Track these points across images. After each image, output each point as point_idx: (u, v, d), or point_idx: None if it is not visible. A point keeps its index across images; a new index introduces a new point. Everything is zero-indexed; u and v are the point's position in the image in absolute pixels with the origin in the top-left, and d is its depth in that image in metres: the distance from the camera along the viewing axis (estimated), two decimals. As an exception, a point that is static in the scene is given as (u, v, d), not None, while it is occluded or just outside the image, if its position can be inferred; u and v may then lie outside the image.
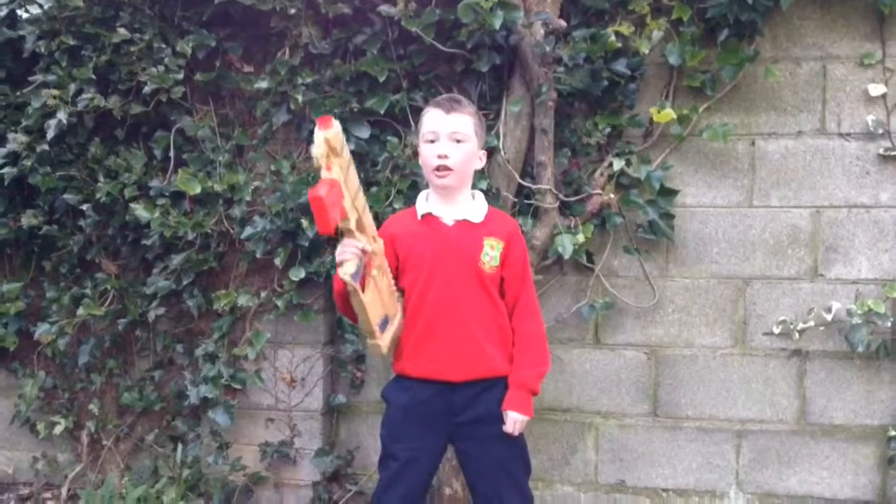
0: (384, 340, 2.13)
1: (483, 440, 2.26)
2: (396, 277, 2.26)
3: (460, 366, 2.22)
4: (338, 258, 1.98)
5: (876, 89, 2.88)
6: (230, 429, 3.18)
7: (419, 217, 2.27)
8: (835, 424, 2.98)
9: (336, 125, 1.87)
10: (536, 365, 2.29)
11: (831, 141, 2.94)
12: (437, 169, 2.20)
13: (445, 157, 2.19)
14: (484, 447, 2.26)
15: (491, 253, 2.24)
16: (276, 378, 3.22)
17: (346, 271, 1.94)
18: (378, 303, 2.09)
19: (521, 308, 2.30)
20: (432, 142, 2.21)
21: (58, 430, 3.34)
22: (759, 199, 2.98)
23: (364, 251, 1.99)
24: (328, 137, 1.86)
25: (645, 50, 2.87)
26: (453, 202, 2.26)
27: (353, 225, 1.95)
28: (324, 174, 1.86)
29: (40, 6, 2.99)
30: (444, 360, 2.22)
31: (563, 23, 2.82)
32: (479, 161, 2.30)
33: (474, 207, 2.29)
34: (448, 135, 2.20)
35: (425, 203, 2.29)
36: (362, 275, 2.01)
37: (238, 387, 3.17)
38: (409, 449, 2.28)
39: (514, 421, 2.24)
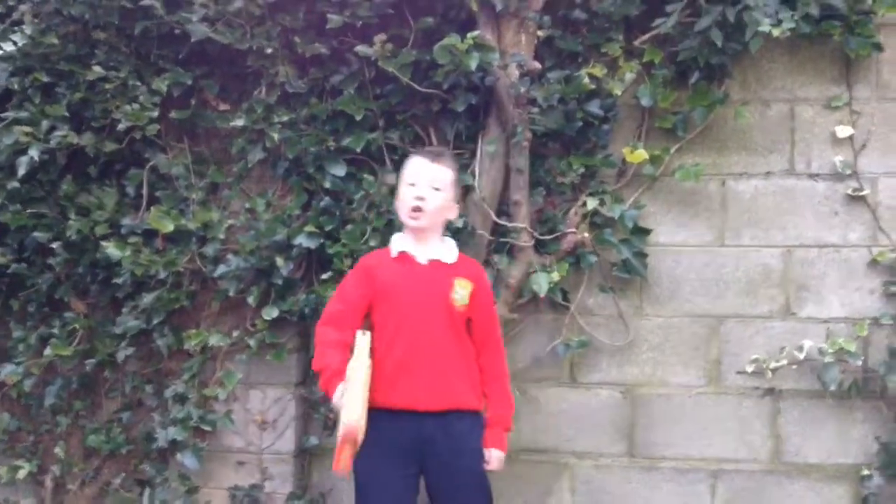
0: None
1: (450, 471, 2.35)
2: (370, 309, 2.40)
3: (431, 397, 2.32)
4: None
5: (843, 131, 2.95)
6: (199, 472, 3.11)
7: (393, 255, 2.42)
8: (809, 464, 2.98)
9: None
10: (510, 405, 2.50)
11: (800, 181, 2.99)
12: (412, 209, 2.36)
13: (422, 199, 2.36)
14: (450, 477, 2.36)
15: (461, 292, 2.39)
16: (247, 420, 3.17)
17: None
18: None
19: (491, 348, 2.47)
20: (412, 185, 2.38)
21: (21, 474, 3.23)
22: (731, 239, 3.02)
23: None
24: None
25: (618, 92, 2.92)
26: (426, 243, 2.42)
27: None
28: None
29: (14, 43, 2.97)
30: (416, 392, 2.32)
31: (537, 65, 2.87)
32: (452, 213, 2.48)
33: (446, 250, 2.44)
34: (428, 181, 2.38)
35: (400, 242, 2.44)
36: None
37: (208, 429, 3.11)
38: (384, 482, 2.31)
39: (498, 458, 2.42)
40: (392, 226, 2.93)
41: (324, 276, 3.00)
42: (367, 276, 2.39)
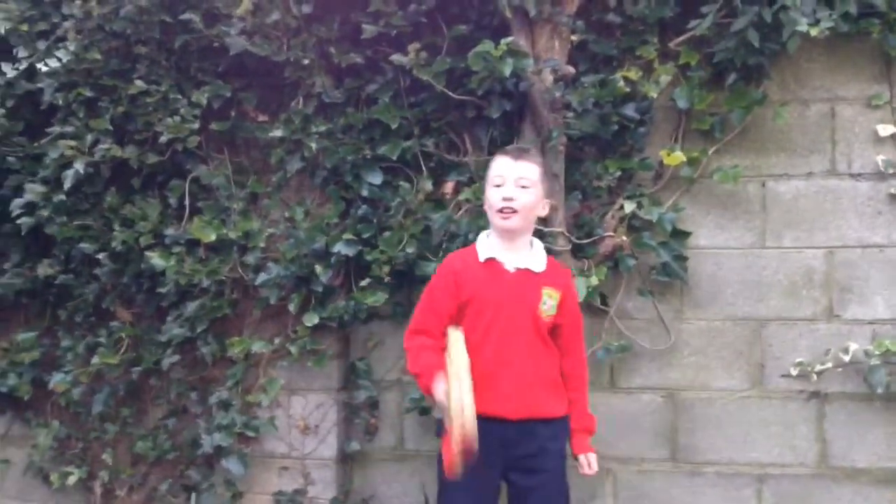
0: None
1: (532, 471, 2.37)
2: (458, 314, 2.36)
3: (516, 405, 2.34)
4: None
5: (885, 129, 2.89)
6: (243, 478, 3.15)
7: (482, 260, 2.38)
8: (857, 468, 2.93)
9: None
10: (590, 414, 2.52)
11: (842, 181, 2.94)
12: (502, 210, 2.32)
13: (511, 199, 2.32)
14: (533, 479, 2.38)
15: (549, 302, 2.38)
16: (290, 425, 3.20)
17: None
18: None
19: (575, 353, 2.49)
20: (499, 186, 2.34)
21: (71, 480, 3.31)
22: (772, 241, 2.98)
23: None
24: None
25: (653, 94, 2.89)
26: (514, 248, 2.39)
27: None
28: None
29: (59, 60, 3.04)
30: (502, 400, 2.32)
31: (571, 69, 2.86)
32: (543, 209, 2.44)
33: (534, 256, 2.40)
34: (515, 180, 2.33)
35: (487, 247, 2.39)
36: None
37: (252, 434, 3.15)
38: (467, 484, 2.28)
39: (594, 460, 2.48)
40: (428, 231, 2.96)
41: (363, 283, 3.02)
42: (454, 283, 2.35)
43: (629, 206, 2.93)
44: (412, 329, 2.42)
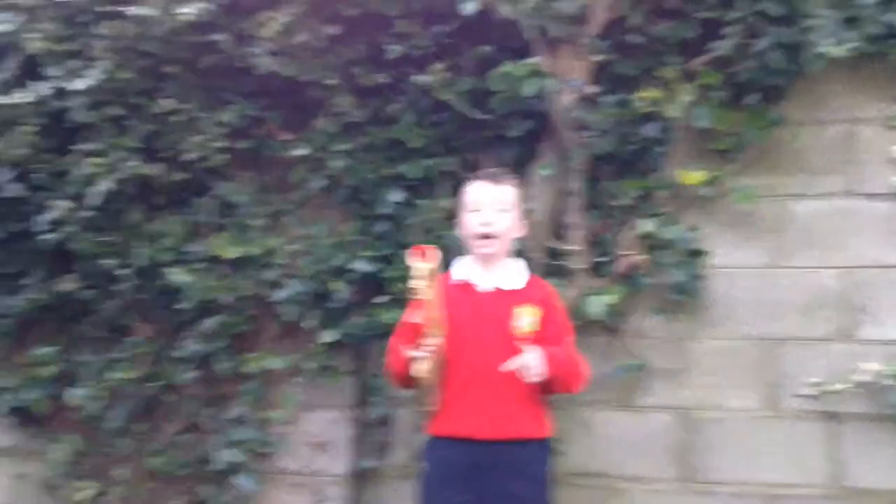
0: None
1: (510, 496, 2.30)
2: None
3: (491, 426, 2.29)
4: (413, 353, 2.20)
5: (903, 151, 2.94)
6: (256, 494, 3.15)
7: (454, 281, 2.38)
8: (869, 489, 2.91)
9: (437, 255, 2.13)
10: (573, 365, 2.37)
11: (859, 202, 2.98)
12: (481, 237, 2.32)
13: (489, 224, 2.32)
14: (510, 502, 2.30)
15: (526, 319, 2.34)
16: (303, 442, 3.20)
17: (421, 368, 2.21)
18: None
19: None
20: (476, 211, 2.35)
21: (87, 495, 3.30)
22: (788, 260, 3.01)
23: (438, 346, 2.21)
24: (432, 268, 2.10)
25: (674, 114, 2.90)
26: (491, 269, 2.38)
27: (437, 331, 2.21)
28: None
29: (90, 79, 3.09)
30: (477, 422, 2.30)
31: (592, 89, 2.90)
32: (521, 232, 2.44)
33: (511, 275, 2.39)
34: (493, 205, 2.33)
35: (462, 269, 2.40)
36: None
37: (266, 451, 3.16)
38: None
39: (522, 358, 2.22)
40: (448, 250, 2.97)
41: (379, 300, 3.04)
42: None
43: (646, 226, 2.97)
44: (387, 352, 2.43)
